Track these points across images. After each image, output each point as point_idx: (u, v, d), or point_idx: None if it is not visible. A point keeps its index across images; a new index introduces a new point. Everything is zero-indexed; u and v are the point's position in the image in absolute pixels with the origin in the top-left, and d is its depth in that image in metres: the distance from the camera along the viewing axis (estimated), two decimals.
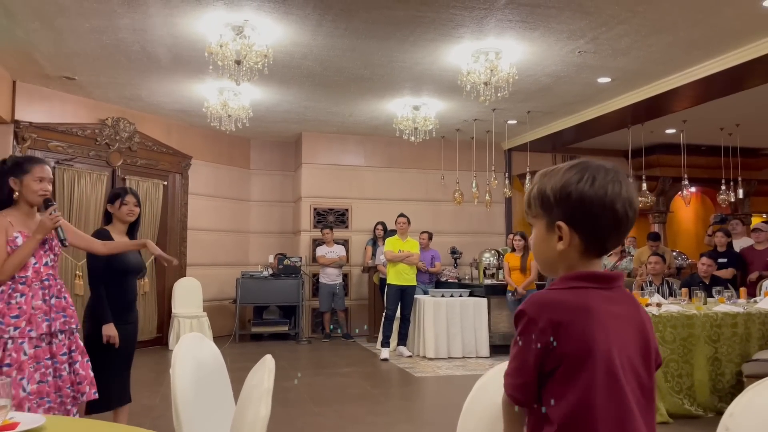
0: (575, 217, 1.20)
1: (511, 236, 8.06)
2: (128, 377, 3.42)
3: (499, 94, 5.68)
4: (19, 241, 2.68)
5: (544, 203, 1.24)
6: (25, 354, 2.62)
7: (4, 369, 2.55)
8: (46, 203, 2.79)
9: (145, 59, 5.92)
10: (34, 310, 2.68)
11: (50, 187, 2.83)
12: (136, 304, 3.49)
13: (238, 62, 5.03)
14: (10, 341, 2.59)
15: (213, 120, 6.82)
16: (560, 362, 1.14)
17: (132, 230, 3.44)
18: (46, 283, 2.77)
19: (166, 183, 8.14)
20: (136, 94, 7.08)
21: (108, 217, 3.42)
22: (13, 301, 2.64)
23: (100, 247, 3.11)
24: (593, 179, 1.20)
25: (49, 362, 2.71)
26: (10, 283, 2.66)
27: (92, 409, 3.11)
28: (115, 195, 3.41)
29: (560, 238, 1.22)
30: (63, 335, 2.78)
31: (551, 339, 1.14)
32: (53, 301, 2.76)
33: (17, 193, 2.73)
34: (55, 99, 6.89)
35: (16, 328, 2.61)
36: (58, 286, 2.83)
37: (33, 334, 2.65)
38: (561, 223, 1.21)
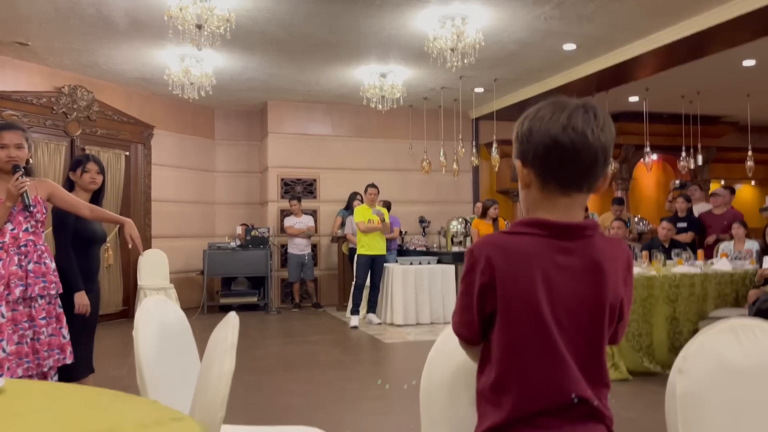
0: (525, 153, 1.20)
1: (478, 204, 8.16)
2: (92, 347, 3.37)
3: (465, 61, 5.67)
4: None
5: (514, 145, 1.25)
6: (2, 317, 2.68)
7: None
8: (14, 169, 2.78)
9: (101, 23, 5.70)
10: (10, 275, 2.73)
11: (18, 152, 2.81)
12: (99, 275, 3.44)
13: (199, 26, 4.89)
14: None
15: (175, 88, 6.65)
16: (497, 304, 1.18)
17: (96, 199, 3.37)
18: (24, 249, 2.80)
19: (128, 153, 7.94)
20: (93, 60, 6.85)
21: (70, 185, 3.33)
22: None
23: (86, 211, 3.06)
24: (539, 110, 1.19)
25: (27, 325, 2.78)
26: None
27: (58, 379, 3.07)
28: (77, 162, 3.35)
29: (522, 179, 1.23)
30: (43, 300, 2.84)
31: (490, 280, 1.17)
32: (31, 266, 2.79)
33: None
34: (7, 66, 6.61)
35: None
36: (39, 252, 2.85)
37: (9, 298, 2.71)
38: (516, 161, 1.22)
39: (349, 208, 8.77)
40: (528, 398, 1.18)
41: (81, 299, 3.13)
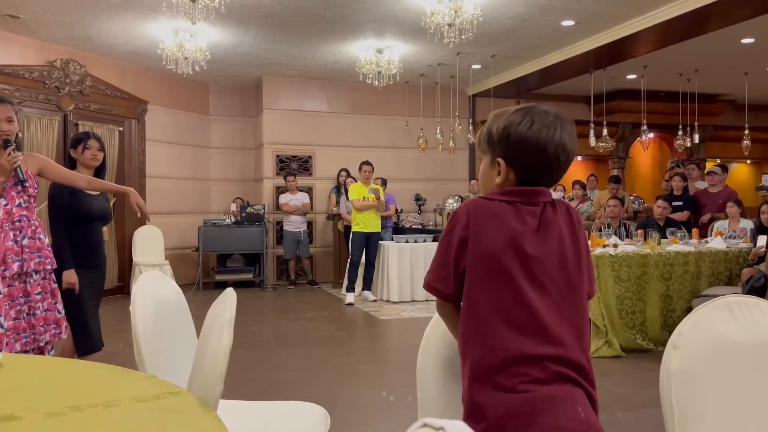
0: (512, 156, 1.36)
1: (474, 182, 8.14)
2: (97, 325, 3.37)
3: (463, 37, 5.60)
4: None
5: (489, 141, 1.40)
6: None
7: None
8: (5, 144, 2.76)
9: None
10: (6, 250, 2.71)
11: (10, 126, 2.78)
12: (103, 250, 3.44)
13: None
14: None
15: (169, 62, 6.56)
16: (469, 258, 1.30)
17: (98, 175, 3.37)
18: (18, 224, 2.79)
19: (121, 129, 7.87)
20: (85, 34, 6.74)
21: (72, 163, 3.35)
22: None
23: (83, 182, 3.06)
24: (532, 122, 1.34)
25: (23, 301, 2.78)
26: None
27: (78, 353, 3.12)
28: (78, 140, 3.35)
29: (499, 173, 1.37)
30: (38, 275, 2.83)
31: (468, 235, 1.31)
32: (26, 242, 2.78)
33: None
34: None
35: None
36: (33, 227, 2.84)
37: (6, 273, 2.70)
38: (500, 160, 1.37)
39: (338, 186, 8.77)
40: (490, 349, 1.26)
41: (68, 277, 3.13)
